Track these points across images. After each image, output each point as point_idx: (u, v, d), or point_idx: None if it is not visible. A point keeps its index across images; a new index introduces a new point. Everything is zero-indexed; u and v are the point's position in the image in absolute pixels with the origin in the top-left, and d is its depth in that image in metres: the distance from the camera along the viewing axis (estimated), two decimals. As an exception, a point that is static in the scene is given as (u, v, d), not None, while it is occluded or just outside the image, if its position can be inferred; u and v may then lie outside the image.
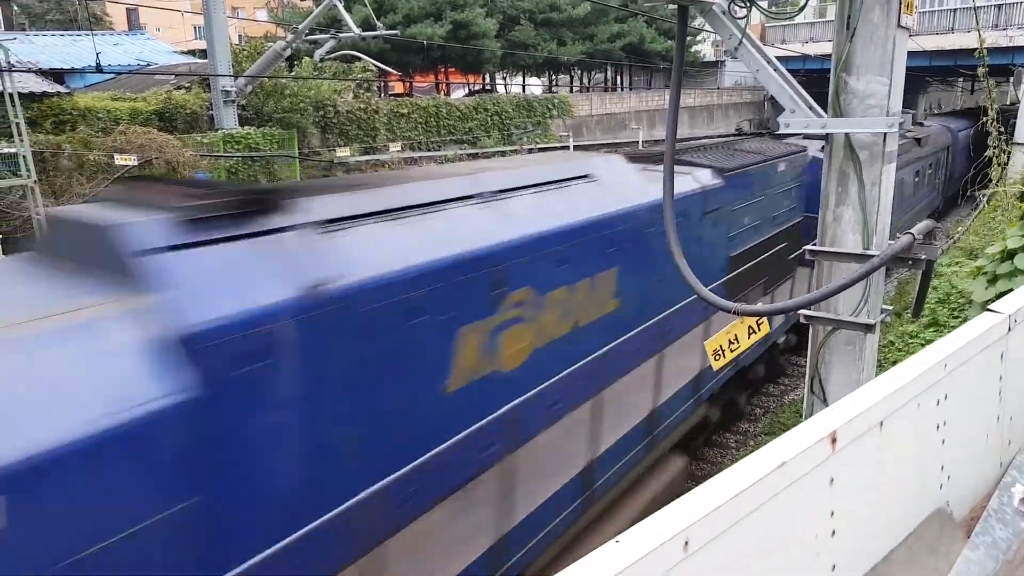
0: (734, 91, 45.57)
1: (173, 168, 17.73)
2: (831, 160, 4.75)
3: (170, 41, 37.87)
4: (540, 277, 5.28)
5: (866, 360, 4.97)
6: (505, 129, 30.14)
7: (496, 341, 4.99)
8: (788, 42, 39.93)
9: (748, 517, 1.82)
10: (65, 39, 28.80)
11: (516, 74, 42.71)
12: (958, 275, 11.86)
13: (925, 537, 2.50)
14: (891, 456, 2.41)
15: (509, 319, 5.08)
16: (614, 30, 37.87)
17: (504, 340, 5.04)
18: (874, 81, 4.49)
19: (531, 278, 5.20)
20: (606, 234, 5.99)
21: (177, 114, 20.51)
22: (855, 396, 2.29)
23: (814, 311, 4.93)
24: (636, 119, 37.28)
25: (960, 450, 2.86)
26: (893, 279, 18.95)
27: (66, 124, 18.13)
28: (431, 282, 4.45)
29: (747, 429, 11.85)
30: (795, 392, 13.05)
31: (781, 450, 1.96)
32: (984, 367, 2.97)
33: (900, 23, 4.39)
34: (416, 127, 26.78)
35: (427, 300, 4.44)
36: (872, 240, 4.68)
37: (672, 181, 5.04)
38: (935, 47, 33.80)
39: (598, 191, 6.26)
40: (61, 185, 16.70)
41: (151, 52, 30.53)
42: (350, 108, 24.32)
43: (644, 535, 1.62)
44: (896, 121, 4.46)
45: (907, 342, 11.37)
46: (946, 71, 37.38)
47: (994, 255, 6.20)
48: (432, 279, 4.47)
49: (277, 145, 20.79)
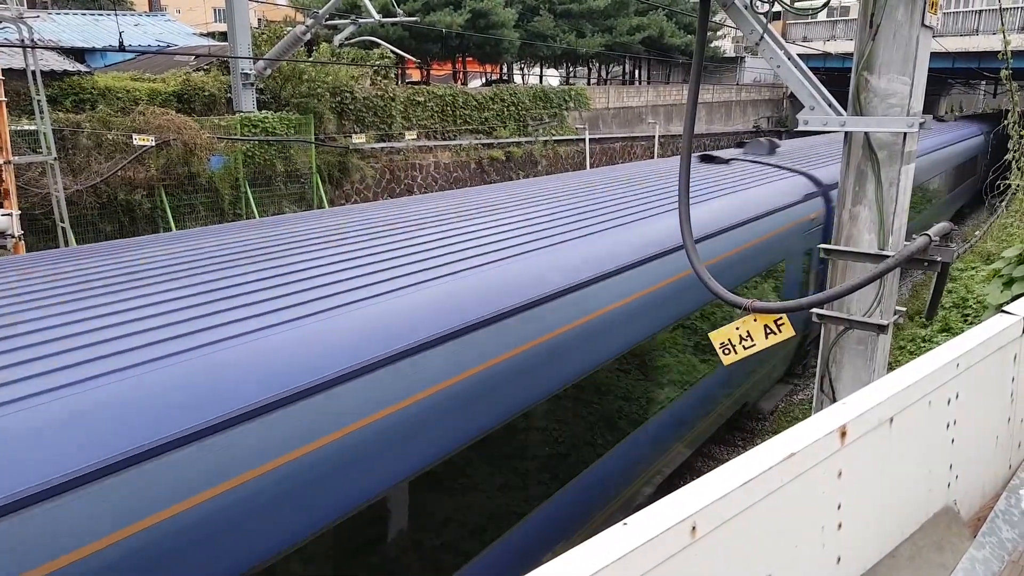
0: (752, 88, 45.27)
1: (190, 150, 17.82)
2: (849, 158, 4.74)
3: (190, 23, 37.98)
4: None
5: (877, 361, 4.96)
6: (521, 120, 30.07)
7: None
8: (809, 40, 39.62)
9: (756, 505, 1.84)
10: (87, 18, 28.92)
11: (534, 65, 42.56)
12: (974, 279, 11.76)
13: (932, 534, 2.51)
14: (900, 452, 2.42)
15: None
16: (634, 23, 37.64)
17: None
18: (896, 80, 4.47)
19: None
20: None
21: (196, 96, 20.58)
22: (866, 391, 2.30)
23: (827, 310, 4.93)
24: (653, 113, 37.11)
25: (969, 450, 2.86)
26: (908, 281, 18.83)
27: (86, 103, 18.24)
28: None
29: (754, 427, 11.84)
30: (804, 392, 13.02)
31: (791, 441, 1.98)
32: (997, 368, 2.97)
33: (924, 22, 4.36)
34: (432, 116, 26.76)
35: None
36: (888, 240, 4.66)
37: (688, 174, 5.03)
38: (958, 49, 33.43)
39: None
40: (80, 163, 16.81)
41: (171, 34, 30.63)
42: (367, 95, 24.34)
43: (653, 519, 1.65)
44: (917, 121, 4.44)
45: (919, 346, 11.32)
46: (969, 73, 36.97)
47: (1011, 258, 6.17)
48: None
49: (294, 130, 20.83)
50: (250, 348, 3.65)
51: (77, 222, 16.11)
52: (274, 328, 3.83)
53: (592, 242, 6.26)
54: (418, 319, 4.40)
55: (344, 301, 4.27)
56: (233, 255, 4.84)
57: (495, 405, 4.84)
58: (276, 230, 5.68)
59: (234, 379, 3.46)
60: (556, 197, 7.61)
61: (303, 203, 21.11)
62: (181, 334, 3.59)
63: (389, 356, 4.05)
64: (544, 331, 5.23)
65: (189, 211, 18.54)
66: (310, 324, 3.96)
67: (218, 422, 3.27)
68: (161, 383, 3.28)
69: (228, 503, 3.27)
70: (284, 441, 3.47)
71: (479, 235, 5.87)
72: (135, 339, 3.49)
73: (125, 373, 3.25)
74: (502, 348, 4.87)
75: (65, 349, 3.32)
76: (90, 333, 3.48)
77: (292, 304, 4.09)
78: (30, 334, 3.41)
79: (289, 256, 4.92)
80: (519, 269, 5.42)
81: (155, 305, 3.85)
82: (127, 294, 3.98)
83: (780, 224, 9.36)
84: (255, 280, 4.35)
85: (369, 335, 4.10)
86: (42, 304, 3.77)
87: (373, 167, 23.72)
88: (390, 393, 4.00)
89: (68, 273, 4.31)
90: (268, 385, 3.52)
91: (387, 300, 4.43)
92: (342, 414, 3.74)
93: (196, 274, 4.38)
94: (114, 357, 3.33)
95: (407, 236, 5.64)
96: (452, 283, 4.91)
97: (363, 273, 4.71)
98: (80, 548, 2.82)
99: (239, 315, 3.86)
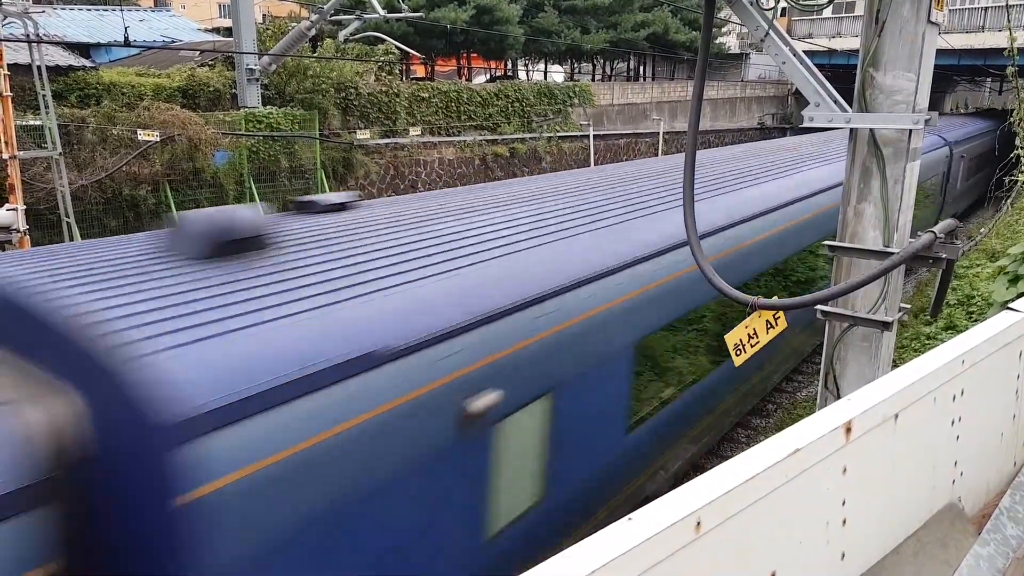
0: (757, 84, 45.17)
1: (195, 145, 17.84)
2: (854, 155, 4.72)
3: (195, 19, 38.01)
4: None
5: (882, 358, 4.96)
6: (526, 116, 30.05)
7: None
8: (815, 36, 39.50)
9: (760, 501, 1.84)
10: (92, 14, 28.97)
11: (538, 61, 42.51)
12: (979, 277, 11.74)
13: (936, 531, 2.51)
14: (905, 449, 2.42)
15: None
16: (639, 19, 37.56)
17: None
18: (901, 77, 4.45)
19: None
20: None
21: (200, 91, 20.60)
22: (871, 388, 2.30)
23: (831, 307, 4.92)
24: (657, 110, 37.05)
25: (974, 447, 2.86)
26: (913, 278, 18.80)
27: (91, 98, 18.28)
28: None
29: (759, 424, 11.84)
30: (808, 389, 13.01)
31: (795, 437, 1.98)
32: (1002, 365, 2.96)
33: (930, 19, 4.34)
34: (436, 112, 26.75)
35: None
36: (893, 237, 4.65)
37: (692, 170, 5.03)
38: (964, 45, 33.34)
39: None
40: (85, 158, 16.85)
41: (176, 29, 30.67)
42: (371, 91, 24.34)
43: (657, 514, 1.65)
44: (922, 118, 4.42)
45: (924, 343, 11.30)
46: (975, 70, 36.85)
47: (1017, 255, 6.16)
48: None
49: (298, 126, 20.84)
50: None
51: (82, 217, 16.16)
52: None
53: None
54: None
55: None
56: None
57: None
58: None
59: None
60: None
61: (307, 199, 21.10)
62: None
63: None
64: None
65: (193, 206, 18.58)
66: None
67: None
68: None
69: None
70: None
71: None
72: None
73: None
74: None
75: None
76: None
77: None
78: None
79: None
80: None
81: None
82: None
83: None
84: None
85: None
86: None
87: (377, 163, 23.73)
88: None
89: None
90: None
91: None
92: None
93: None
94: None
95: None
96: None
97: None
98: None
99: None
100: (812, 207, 10.58)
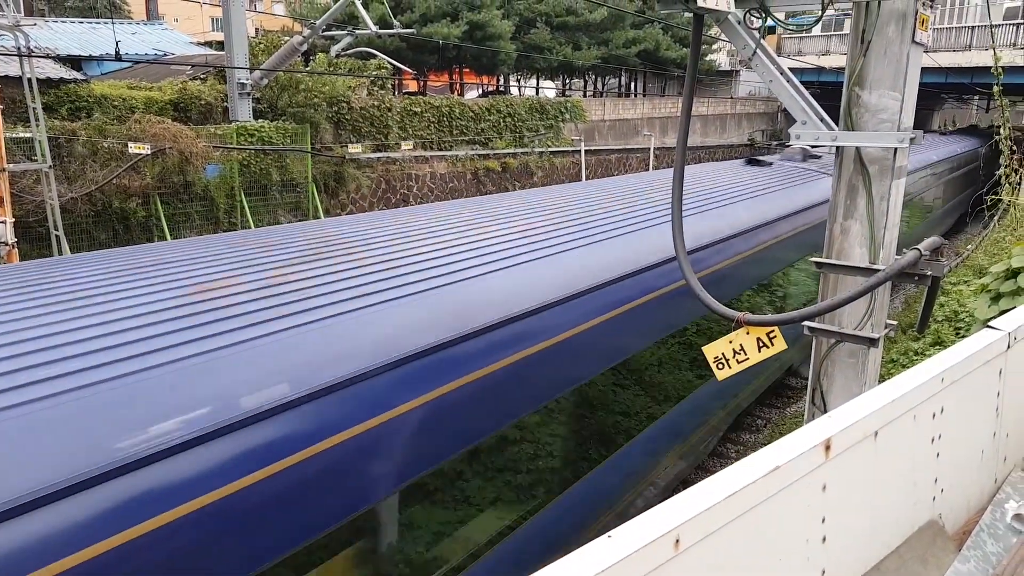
0: (747, 101, 45.51)
1: (186, 158, 17.83)
2: (840, 173, 4.77)
3: (187, 32, 38.08)
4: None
5: (868, 374, 4.98)
6: (517, 131, 30.17)
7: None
8: (804, 54, 39.87)
9: (740, 518, 1.85)
10: (84, 27, 28.99)
11: (530, 77, 42.73)
12: (966, 293, 11.82)
13: (916, 547, 2.52)
14: (885, 466, 2.43)
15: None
16: (630, 36, 37.85)
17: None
18: (886, 96, 4.51)
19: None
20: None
21: (192, 105, 20.61)
22: (851, 405, 2.31)
23: (818, 323, 4.95)
24: (648, 126, 37.26)
25: (955, 464, 2.88)
26: (900, 294, 18.91)
27: (82, 111, 18.25)
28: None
29: (748, 440, 11.85)
30: (797, 404, 13.04)
31: (775, 455, 1.99)
32: (982, 383, 2.99)
33: (915, 39, 4.40)
34: (429, 126, 26.83)
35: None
36: (879, 254, 4.69)
37: (681, 185, 5.07)
38: (951, 64, 33.69)
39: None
40: (75, 171, 16.81)
41: (168, 42, 30.71)
42: (364, 105, 24.41)
43: (636, 531, 1.65)
44: (907, 136, 4.48)
45: (911, 359, 11.35)
46: (962, 88, 37.24)
47: (998, 273, 6.21)
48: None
49: (290, 139, 20.87)
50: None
51: (71, 230, 16.10)
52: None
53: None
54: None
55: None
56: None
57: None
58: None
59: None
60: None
61: (299, 212, 21.13)
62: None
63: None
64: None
65: (184, 219, 18.53)
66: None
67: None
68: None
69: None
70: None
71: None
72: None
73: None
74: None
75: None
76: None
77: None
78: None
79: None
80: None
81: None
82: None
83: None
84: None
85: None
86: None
87: (369, 177, 23.76)
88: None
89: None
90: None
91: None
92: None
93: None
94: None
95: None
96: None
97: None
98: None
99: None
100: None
